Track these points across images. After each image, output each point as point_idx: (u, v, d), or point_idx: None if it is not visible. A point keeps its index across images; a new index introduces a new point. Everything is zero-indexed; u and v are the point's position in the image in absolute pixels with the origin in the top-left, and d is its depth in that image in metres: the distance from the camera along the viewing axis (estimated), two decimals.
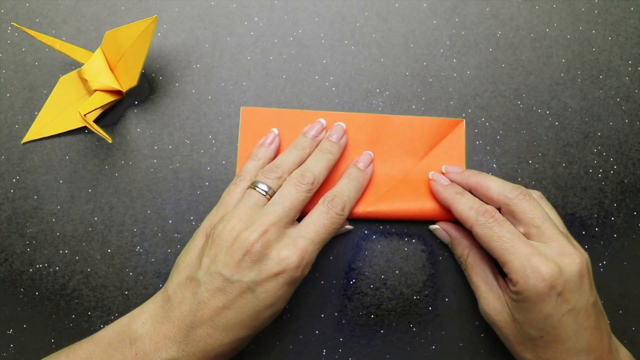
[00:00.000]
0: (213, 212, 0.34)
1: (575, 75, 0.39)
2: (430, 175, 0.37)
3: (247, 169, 0.34)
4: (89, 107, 0.34)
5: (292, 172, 0.33)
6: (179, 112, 0.38)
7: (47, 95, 0.37)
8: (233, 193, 0.34)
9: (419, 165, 0.37)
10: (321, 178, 0.33)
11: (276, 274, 0.29)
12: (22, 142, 0.37)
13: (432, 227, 0.37)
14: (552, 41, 0.39)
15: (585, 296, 0.29)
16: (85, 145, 0.37)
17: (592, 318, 0.29)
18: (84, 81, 0.36)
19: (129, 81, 0.35)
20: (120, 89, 0.35)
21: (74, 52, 0.36)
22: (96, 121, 0.37)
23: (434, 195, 0.36)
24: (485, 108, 0.38)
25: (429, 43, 0.39)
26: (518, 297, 0.30)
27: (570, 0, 0.39)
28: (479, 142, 0.38)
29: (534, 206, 0.31)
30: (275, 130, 0.37)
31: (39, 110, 0.37)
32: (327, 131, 0.36)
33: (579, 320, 0.29)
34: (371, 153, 0.37)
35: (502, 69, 0.38)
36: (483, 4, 0.39)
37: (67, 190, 0.37)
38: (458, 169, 0.36)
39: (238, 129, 0.37)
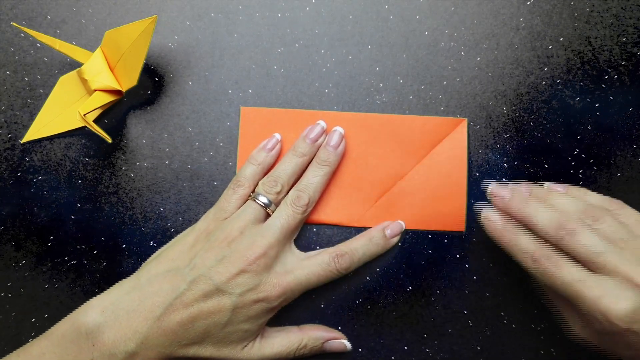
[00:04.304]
0: (209, 215, 0.34)
1: (575, 75, 0.39)
2: (482, 212, 0.33)
3: (245, 175, 0.35)
4: (88, 107, 0.34)
5: (291, 182, 0.35)
6: (178, 112, 0.38)
7: (47, 95, 0.37)
8: (231, 199, 0.34)
9: (419, 165, 0.37)
10: (316, 196, 0.35)
11: (258, 300, 0.31)
12: (22, 142, 0.37)
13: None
14: (552, 41, 0.39)
15: None
16: (85, 145, 0.37)
17: None
18: (84, 81, 0.36)
19: (128, 81, 0.35)
20: (120, 89, 0.35)
21: (74, 52, 0.36)
22: (96, 121, 0.37)
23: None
24: (485, 108, 0.38)
25: (429, 43, 0.39)
26: (599, 334, 0.28)
27: (570, 0, 0.39)
28: (478, 142, 0.38)
29: (585, 241, 0.28)
30: (278, 136, 0.37)
31: (39, 110, 0.37)
32: (326, 134, 0.36)
33: None
34: (403, 224, 0.36)
35: (503, 69, 0.38)
36: (483, 3, 0.39)
37: (67, 190, 0.37)
38: (506, 192, 0.32)
39: (238, 129, 0.37)
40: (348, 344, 0.35)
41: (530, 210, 0.30)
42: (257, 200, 0.33)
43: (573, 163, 0.38)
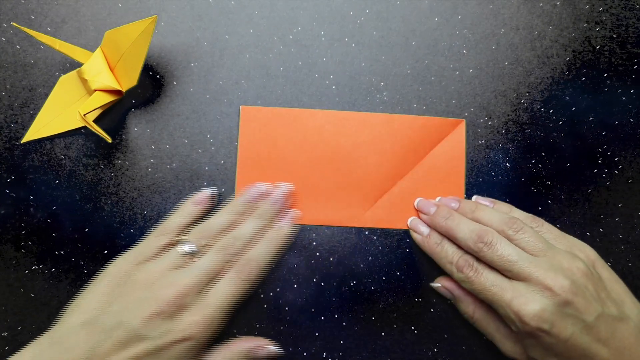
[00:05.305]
0: (124, 258, 0.33)
1: (575, 75, 0.39)
2: (409, 222, 0.37)
3: (170, 225, 0.34)
4: (88, 107, 0.34)
5: (219, 236, 0.34)
6: (178, 111, 0.38)
7: (47, 95, 0.37)
8: (150, 246, 0.33)
9: (419, 165, 0.37)
10: (246, 248, 0.34)
11: (181, 340, 0.30)
12: (22, 142, 0.37)
13: (434, 285, 0.36)
14: (552, 41, 0.39)
15: (581, 318, 0.29)
16: (85, 145, 0.37)
17: (602, 331, 0.29)
18: (84, 81, 0.36)
19: (128, 81, 0.35)
20: (120, 89, 0.35)
21: (74, 52, 0.36)
22: (96, 121, 0.37)
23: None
24: (485, 107, 0.38)
25: (429, 43, 0.39)
26: (520, 337, 0.31)
27: (570, 0, 0.39)
28: (479, 142, 0.38)
29: (500, 251, 0.31)
30: (209, 192, 0.36)
31: (39, 110, 0.37)
32: (266, 197, 0.36)
33: (585, 338, 0.29)
34: (296, 212, 0.37)
35: (503, 69, 0.38)
36: (483, 3, 0.39)
37: (67, 190, 0.37)
38: (431, 207, 0.36)
39: (238, 129, 0.37)
40: (274, 348, 0.35)
41: (453, 224, 0.33)
42: (181, 248, 0.33)
43: (573, 163, 0.38)
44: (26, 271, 0.36)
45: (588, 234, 0.37)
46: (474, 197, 0.37)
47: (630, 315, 0.30)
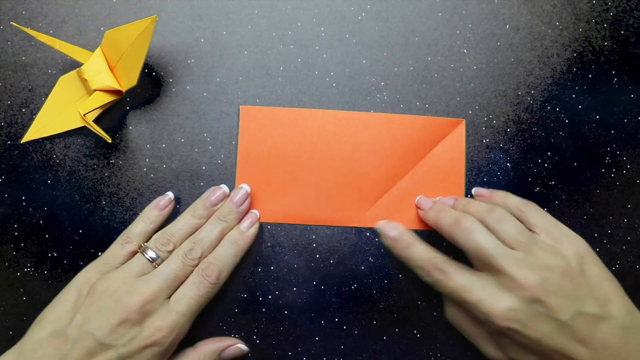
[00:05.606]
0: (90, 268, 0.33)
1: (575, 75, 0.38)
2: (378, 226, 0.35)
3: (135, 231, 0.34)
4: (88, 107, 0.34)
5: (183, 240, 0.34)
6: (178, 111, 0.38)
7: (47, 95, 0.37)
8: (117, 254, 0.33)
9: (419, 165, 0.37)
10: (210, 251, 0.34)
11: (147, 346, 0.30)
12: (22, 141, 0.37)
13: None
14: (552, 41, 0.39)
15: (553, 317, 0.28)
16: (85, 145, 0.37)
17: (580, 330, 0.28)
18: (84, 81, 0.36)
19: (128, 81, 0.35)
20: (120, 89, 0.35)
21: (74, 52, 0.36)
22: (96, 121, 0.37)
23: None
24: (485, 107, 0.38)
25: (429, 43, 0.39)
26: (495, 337, 0.31)
27: (571, 0, 0.39)
28: (478, 142, 0.38)
29: (477, 239, 0.30)
30: (171, 195, 0.36)
31: (38, 110, 0.37)
32: (229, 197, 0.36)
33: (560, 338, 0.28)
34: (256, 213, 0.36)
35: (503, 69, 0.38)
36: (484, 3, 0.39)
37: (67, 190, 0.37)
38: (428, 203, 0.35)
39: (237, 128, 0.37)
40: (244, 347, 0.35)
41: (441, 215, 0.33)
42: (145, 254, 0.33)
43: (574, 163, 0.38)
44: (26, 271, 0.36)
45: (595, 235, 0.37)
46: (474, 189, 0.36)
47: (616, 315, 0.29)
